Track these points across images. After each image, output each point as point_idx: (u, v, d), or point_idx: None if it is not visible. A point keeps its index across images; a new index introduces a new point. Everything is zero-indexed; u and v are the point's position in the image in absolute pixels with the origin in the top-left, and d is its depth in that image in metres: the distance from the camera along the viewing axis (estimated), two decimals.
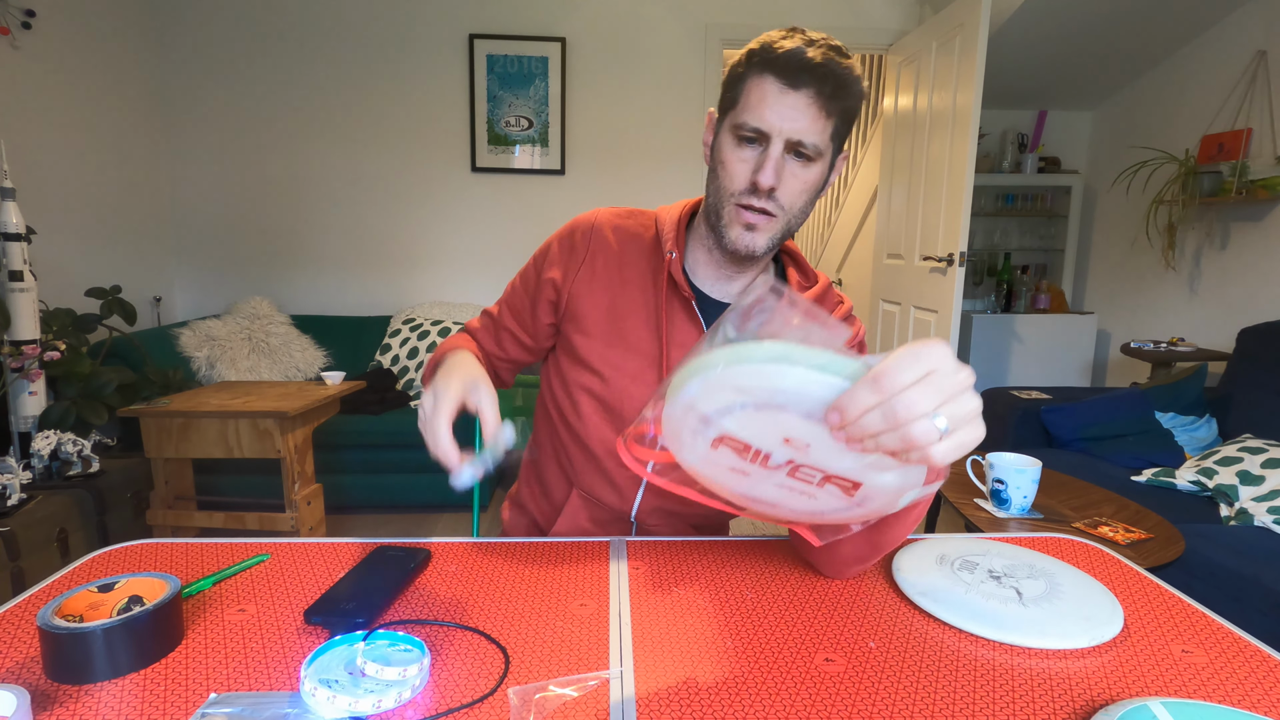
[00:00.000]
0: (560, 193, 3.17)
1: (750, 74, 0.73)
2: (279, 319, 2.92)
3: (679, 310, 0.83)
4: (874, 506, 0.50)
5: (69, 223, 2.44)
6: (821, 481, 0.48)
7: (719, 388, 0.45)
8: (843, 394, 0.42)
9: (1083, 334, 3.31)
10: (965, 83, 2.49)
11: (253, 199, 3.08)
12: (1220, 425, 2.27)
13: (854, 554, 0.64)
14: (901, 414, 0.41)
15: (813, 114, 0.71)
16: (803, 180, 0.74)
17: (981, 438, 0.44)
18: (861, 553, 0.64)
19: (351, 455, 2.47)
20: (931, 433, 0.41)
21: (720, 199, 0.77)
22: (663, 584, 0.66)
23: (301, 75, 3.00)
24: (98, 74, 2.60)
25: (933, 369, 0.42)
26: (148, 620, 0.51)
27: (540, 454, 0.95)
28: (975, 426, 0.43)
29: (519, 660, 0.53)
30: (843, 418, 0.42)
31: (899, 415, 0.41)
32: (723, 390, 0.45)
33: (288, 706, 0.45)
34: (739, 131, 0.73)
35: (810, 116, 0.71)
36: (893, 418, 0.41)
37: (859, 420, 0.42)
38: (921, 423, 0.41)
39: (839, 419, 0.42)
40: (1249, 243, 2.65)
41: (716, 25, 3.09)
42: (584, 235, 0.86)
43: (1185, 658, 0.55)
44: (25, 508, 1.59)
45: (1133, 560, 1.12)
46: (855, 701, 0.48)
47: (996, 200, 3.54)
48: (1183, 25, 2.80)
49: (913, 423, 0.41)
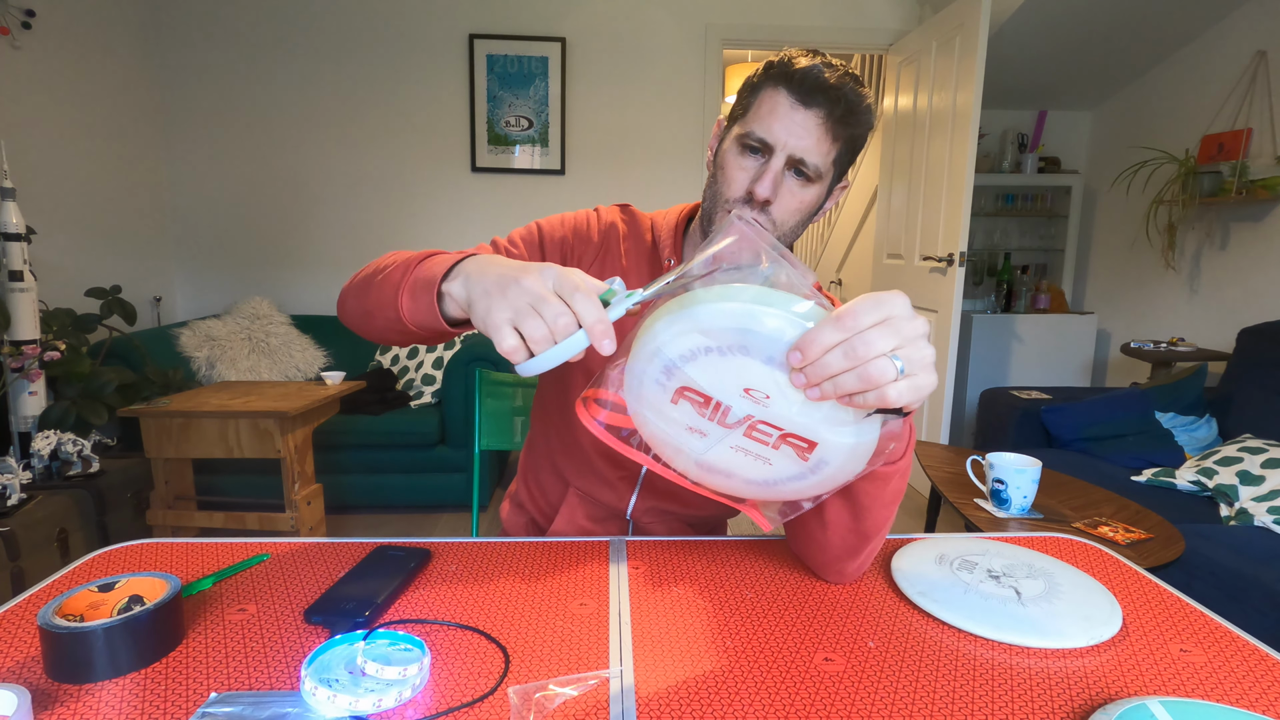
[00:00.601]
0: (560, 193, 3.17)
1: (764, 86, 0.73)
2: (279, 319, 2.92)
3: None
4: (829, 472, 0.50)
5: (69, 223, 2.44)
6: (778, 441, 0.49)
7: (686, 331, 0.46)
8: (806, 332, 0.43)
9: (1083, 334, 3.31)
10: (965, 83, 2.49)
11: (253, 199, 3.08)
12: (1220, 425, 2.27)
13: (842, 544, 0.64)
14: (861, 351, 0.42)
15: (819, 134, 0.71)
16: (799, 199, 0.74)
17: (934, 385, 0.46)
18: (849, 542, 0.63)
19: (351, 455, 2.47)
20: (889, 370, 0.43)
21: (715, 204, 0.78)
22: (663, 584, 0.66)
23: (301, 75, 3.01)
24: (98, 74, 2.60)
25: (891, 314, 0.44)
26: (148, 620, 0.51)
27: (536, 453, 0.95)
28: (929, 373, 0.45)
29: (519, 660, 0.53)
30: (804, 355, 0.43)
31: (859, 352, 0.42)
32: (689, 334, 0.45)
33: (288, 706, 0.45)
34: (744, 140, 0.74)
35: (816, 136, 0.71)
36: (853, 355, 0.42)
37: (821, 359, 0.43)
38: (880, 360, 0.43)
39: (800, 358, 0.43)
40: (1249, 243, 2.65)
41: (716, 25, 3.09)
42: (600, 233, 0.86)
43: (1184, 657, 0.55)
44: (25, 508, 1.60)
45: (1132, 560, 1.12)
46: (855, 701, 0.48)
47: (996, 200, 3.54)
48: (1183, 25, 2.80)
49: (872, 360, 0.43)
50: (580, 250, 0.84)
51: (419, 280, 0.60)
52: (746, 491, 0.54)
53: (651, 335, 0.47)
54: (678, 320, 0.46)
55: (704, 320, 0.45)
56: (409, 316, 0.62)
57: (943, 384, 2.69)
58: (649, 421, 0.52)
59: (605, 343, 0.48)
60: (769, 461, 0.50)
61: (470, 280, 0.55)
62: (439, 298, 0.59)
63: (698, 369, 0.47)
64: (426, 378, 2.72)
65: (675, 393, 0.49)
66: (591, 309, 0.48)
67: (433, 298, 0.58)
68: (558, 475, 0.91)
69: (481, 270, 0.55)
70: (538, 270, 0.50)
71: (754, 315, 0.44)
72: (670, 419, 0.51)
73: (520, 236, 0.85)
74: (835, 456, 0.48)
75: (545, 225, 0.86)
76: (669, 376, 0.48)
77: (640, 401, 0.51)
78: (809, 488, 0.51)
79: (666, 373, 0.48)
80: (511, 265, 0.53)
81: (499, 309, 0.50)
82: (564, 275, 0.50)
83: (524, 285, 0.49)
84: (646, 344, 0.47)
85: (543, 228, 0.85)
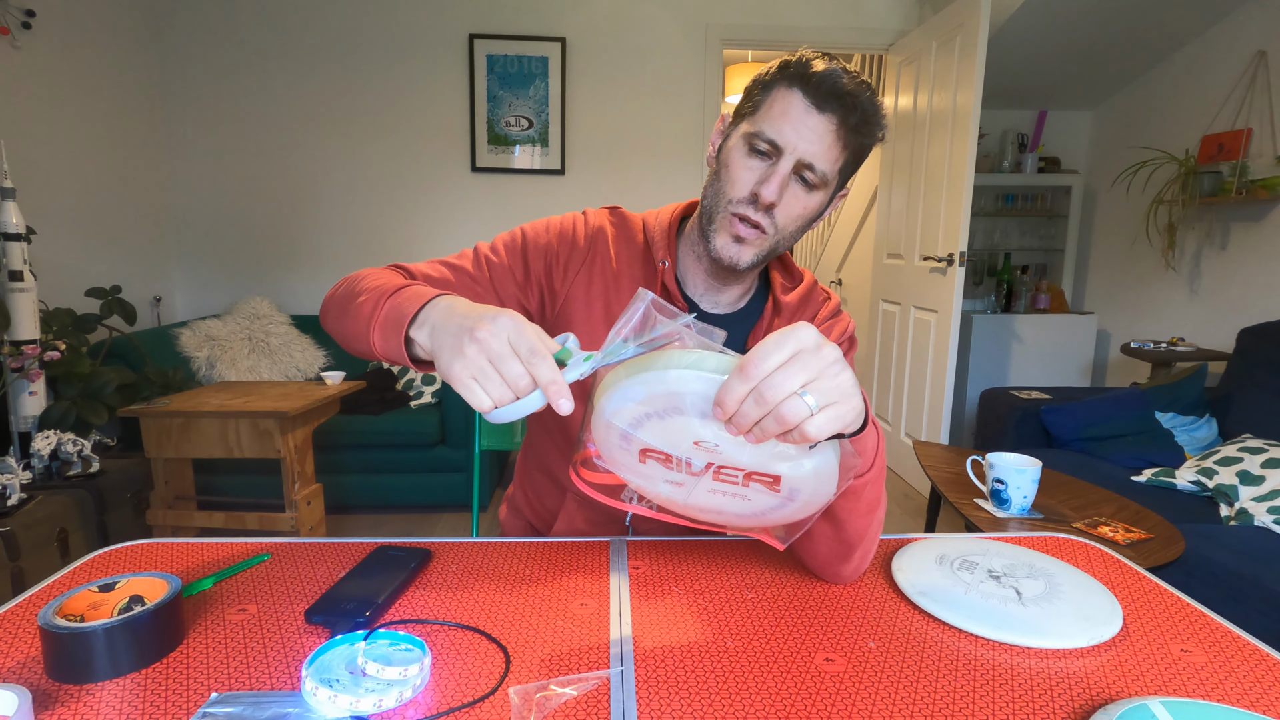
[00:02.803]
0: (560, 193, 3.17)
1: (778, 85, 0.71)
2: (279, 319, 2.92)
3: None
4: (804, 498, 0.52)
5: (69, 223, 2.44)
6: (745, 480, 0.51)
7: (624, 402, 0.48)
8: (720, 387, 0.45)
9: (1083, 334, 3.31)
10: (965, 83, 2.49)
11: (253, 199, 3.08)
12: (1220, 425, 2.27)
13: (829, 552, 0.64)
14: (769, 396, 0.43)
15: (830, 140, 0.70)
16: (803, 204, 0.73)
17: (858, 409, 0.46)
18: (836, 550, 0.64)
19: (351, 455, 2.47)
20: (801, 409, 0.43)
21: (716, 203, 0.75)
22: (663, 584, 0.66)
23: (301, 75, 3.00)
24: (98, 74, 2.60)
25: (799, 349, 0.44)
26: (148, 620, 0.51)
27: (534, 457, 0.93)
28: (849, 399, 0.45)
29: (519, 660, 0.53)
30: (723, 410, 0.44)
31: (767, 397, 0.43)
32: (628, 405, 0.48)
33: (289, 706, 0.45)
34: (753, 140, 0.71)
35: (828, 143, 0.70)
36: (763, 401, 0.43)
37: (739, 409, 0.44)
38: (790, 401, 0.43)
39: (721, 412, 0.45)
40: (1249, 243, 2.65)
41: (716, 25, 3.09)
42: (586, 238, 0.82)
43: (1184, 657, 0.55)
44: (25, 508, 1.59)
45: (1133, 560, 1.12)
46: (855, 701, 0.48)
47: (996, 200, 3.54)
48: (1183, 25, 2.80)
49: (782, 403, 0.43)
50: (566, 256, 0.81)
51: (389, 320, 0.60)
52: (740, 524, 0.57)
53: (599, 409, 0.50)
54: (613, 396, 0.49)
55: (635, 392, 0.47)
56: (381, 353, 0.62)
57: (943, 384, 2.69)
58: (631, 479, 0.55)
59: (562, 402, 0.49)
60: (746, 498, 0.53)
61: (435, 331, 0.55)
62: (407, 342, 0.59)
63: (648, 433, 0.50)
64: (426, 377, 2.72)
65: (639, 454, 0.52)
66: (546, 370, 0.48)
67: (400, 342, 0.58)
68: (555, 481, 0.89)
69: (445, 319, 0.55)
70: (491, 321, 0.50)
71: (679, 379, 0.46)
72: (646, 475, 0.54)
73: (504, 243, 0.83)
74: (803, 484, 0.50)
75: (530, 231, 0.83)
76: (627, 442, 0.51)
77: (615, 464, 0.54)
78: (795, 513, 0.53)
79: (624, 439, 0.51)
80: (469, 316, 0.52)
81: (459, 365, 0.50)
82: (519, 333, 0.49)
83: (481, 341, 0.49)
84: (598, 416, 0.50)
85: (527, 234, 0.83)
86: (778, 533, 0.57)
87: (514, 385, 0.49)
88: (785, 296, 0.84)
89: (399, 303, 0.61)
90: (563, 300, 0.81)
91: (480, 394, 0.49)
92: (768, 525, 0.56)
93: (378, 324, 0.61)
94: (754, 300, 0.87)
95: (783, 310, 0.83)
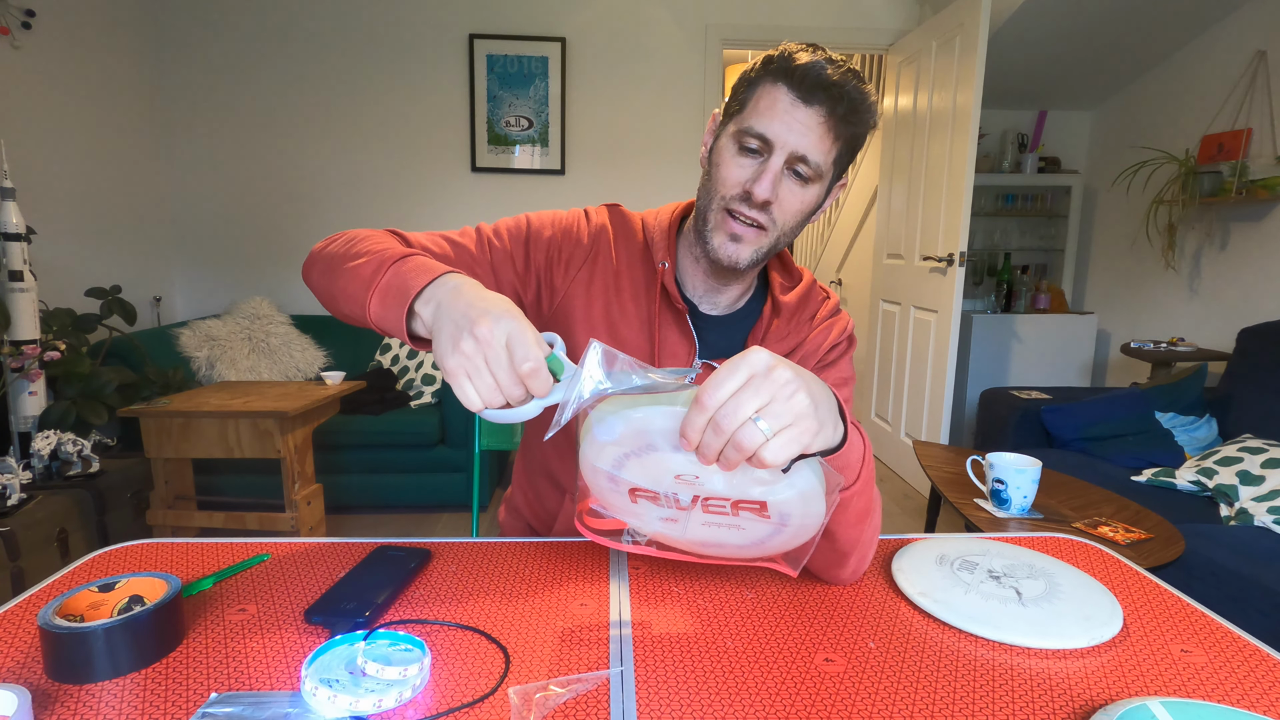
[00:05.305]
0: (560, 193, 3.17)
1: (763, 81, 0.70)
2: (279, 319, 2.92)
3: (671, 324, 0.80)
4: (797, 521, 0.51)
5: (69, 223, 2.44)
6: (734, 509, 0.52)
7: (601, 446, 0.50)
8: (683, 420, 0.46)
9: (1083, 334, 3.31)
10: (965, 83, 2.49)
11: (253, 199, 3.08)
12: (1220, 425, 2.27)
13: (824, 560, 0.64)
14: (725, 425, 0.44)
15: (820, 132, 0.69)
16: (800, 199, 0.72)
17: (813, 431, 0.46)
18: (830, 558, 0.64)
19: (351, 455, 2.47)
20: (756, 435, 0.44)
21: (709, 202, 0.75)
22: (663, 584, 0.66)
23: (301, 75, 3.00)
24: (98, 74, 2.60)
25: (750, 375, 0.44)
26: (148, 620, 0.51)
27: (533, 459, 0.92)
28: (806, 420, 0.45)
29: (519, 660, 0.53)
30: (688, 441, 0.45)
31: (723, 426, 0.44)
32: (605, 448, 0.50)
33: (288, 706, 0.45)
34: (742, 138, 0.71)
35: (818, 135, 0.69)
36: (720, 430, 0.44)
37: (702, 440, 0.45)
38: (745, 428, 0.44)
39: (687, 444, 0.46)
40: (1249, 243, 2.65)
41: (716, 25, 3.09)
42: (590, 236, 0.82)
43: (1185, 657, 0.55)
44: (25, 508, 1.59)
45: (1133, 560, 1.12)
46: (855, 701, 0.48)
47: (996, 200, 3.54)
48: (1183, 25, 2.80)
49: (737, 430, 0.44)
50: (569, 253, 0.81)
51: (392, 287, 0.58)
52: (743, 555, 0.57)
53: (583, 454, 0.51)
54: (590, 442, 0.50)
55: (607, 435, 0.49)
56: (376, 321, 0.60)
57: (943, 384, 2.69)
58: (629, 520, 0.56)
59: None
60: (740, 527, 0.53)
61: (440, 311, 0.53)
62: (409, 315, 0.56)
63: (631, 472, 0.51)
64: (426, 378, 2.72)
65: (629, 493, 0.53)
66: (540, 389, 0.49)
67: (402, 314, 0.56)
68: (554, 482, 0.89)
69: (452, 300, 0.53)
70: (495, 320, 0.49)
71: (645, 416, 0.47)
72: (640, 515, 0.54)
73: (508, 229, 0.81)
74: (791, 507, 0.50)
75: (535, 221, 0.82)
76: (615, 483, 0.52)
77: (611, 507, 0.55)
78: (792, 537, 0.53)
79: (611, 480, 0.52)
80: (475, 306, 0.51)
81: (455, 359, 0.49)
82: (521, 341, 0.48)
83: (481, 340, 0.48)
84: (584, 461, 0.52)
85: (532, 223, 0.82)
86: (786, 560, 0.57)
87: (507, 393, 0.49)
88: (784, 296, 0.83)
89: (404, 272, 0.58)
90: (562, 297, 0.81)
91: (471, 393, 0.49)
92: (770, 554, 0.56)
93: (378, 290, 0.59)
94: (753, 300, 0.86)
95: (782, 310, 0.82)
